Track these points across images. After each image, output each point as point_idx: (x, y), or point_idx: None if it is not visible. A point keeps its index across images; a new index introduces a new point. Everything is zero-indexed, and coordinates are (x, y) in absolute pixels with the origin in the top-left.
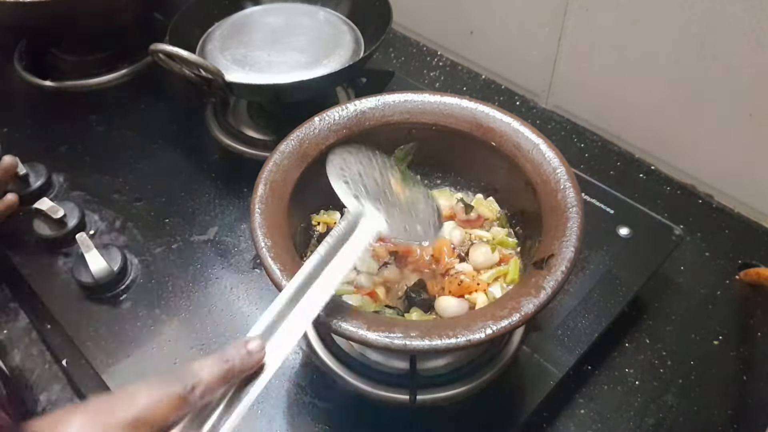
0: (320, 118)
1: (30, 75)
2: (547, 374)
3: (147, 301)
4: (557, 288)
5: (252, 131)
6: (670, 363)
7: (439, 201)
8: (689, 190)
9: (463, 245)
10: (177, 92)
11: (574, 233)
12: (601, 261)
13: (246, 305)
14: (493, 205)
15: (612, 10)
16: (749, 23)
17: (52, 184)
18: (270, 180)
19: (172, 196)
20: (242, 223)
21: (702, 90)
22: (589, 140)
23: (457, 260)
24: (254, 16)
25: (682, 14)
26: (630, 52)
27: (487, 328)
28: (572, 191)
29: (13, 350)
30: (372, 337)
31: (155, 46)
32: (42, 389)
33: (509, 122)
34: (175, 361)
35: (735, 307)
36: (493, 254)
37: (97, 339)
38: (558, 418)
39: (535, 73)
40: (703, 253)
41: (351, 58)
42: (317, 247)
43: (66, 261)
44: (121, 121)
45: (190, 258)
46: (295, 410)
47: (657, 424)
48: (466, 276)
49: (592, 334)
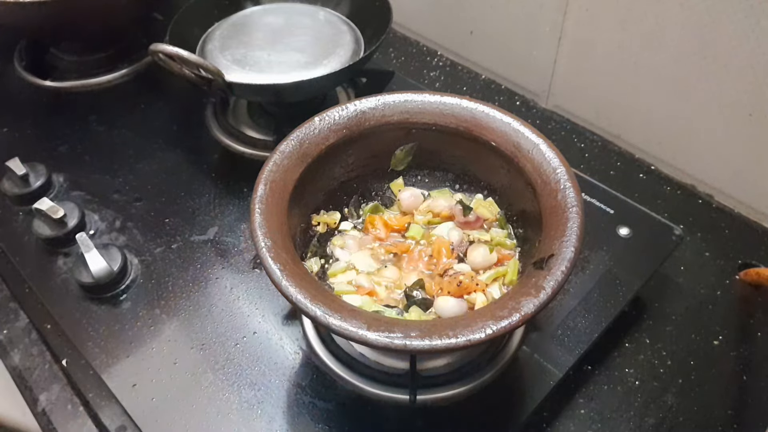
0: (320, 118)
1: (30, 75)
2: (547, 374)
3: (147, 301)
4: (557, 288)
5: (252, 131)
6: (670, 363)
7: (439, 200)
8: (689, 190)
9: (462, 245)
10: (177, 92)
11: (574, 233)
12: (601, 261)
13: (246, 305)
14: (493, 205)
15: (612, 10)
16: (749, 23)
17: (52, 184)
18: (270, 180)
19: (172, 196)
20: (242, 223)
21: (702, 90)
22: (589, 140)
23: (455, 261)
24: (254, 16)
25: (682, 14)
26: (630, 52)
27: (487, 328)
28: (572, 191)
29: (13, 350)
30: (372, 337)
31: (155, 46)
32: (42, 389)
33: (509, 122)
34: (175, 361)
35: (735, 307)
36: (492, 254)
37: (97, 339)
38: (558, 418)
39: (535, 73)
40: (703, 253)
41: (351, 58)
42: (317, 247)
43: (66, 261)
44: (121, 121)
45: (190, 258)
46: (295, 410)
47: (657, 424)
48: (465, 276)
49: (592, 334)
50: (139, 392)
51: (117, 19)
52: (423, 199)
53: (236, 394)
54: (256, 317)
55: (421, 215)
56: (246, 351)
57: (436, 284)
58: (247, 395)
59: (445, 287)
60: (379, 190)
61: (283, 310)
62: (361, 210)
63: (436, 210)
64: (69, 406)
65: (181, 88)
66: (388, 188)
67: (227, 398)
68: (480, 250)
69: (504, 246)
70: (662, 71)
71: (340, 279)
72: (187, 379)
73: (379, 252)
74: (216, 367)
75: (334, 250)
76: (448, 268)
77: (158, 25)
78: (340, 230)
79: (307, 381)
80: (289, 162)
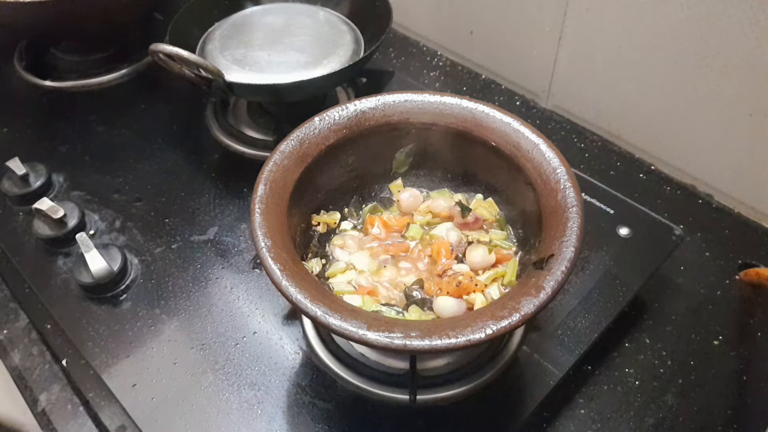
0: (320, 118)
1: (30, 75)
2: (547, 374)
3: (147, 301)
4: (557, 288)
5: (252, 131)
6: (670, 363)
7: (439, 201)
8: (689, 190)
9: (460, 246)
10: (177, 92)
11: (574, 233)
12: (601, 261)
13: (246, 305)
14: (493, 206)
15: (612, 10)
16: (749, 23)
17: (52, 184)
18: (270, 180)
19: (172, 196)
20: (242, 223)
21: (702, 90)
22: (589, 140)
23: (454, 261)
24: (254, 16)
25: (682, 14)
26: (630, 52)
27: (487, 328)
28: (572, 191)
29: (13, 350)
30: (372, 337)
31: (155, 46)
32: (42, 389)
33: (509, 122)
34: (175, 361)
35: (735, 307)
36: (490, 255)
37: (97, 339)
38: (558, 418)
39: (535, 73)
40: (703, 253)
41: (351, 58)
42: (317, 247)
43: (66, 261)
44: (121, 121)
45: (190, 258)
46: (295, 410)
47: (657, 424)
48: (464, 277)
49: (592, 334)
50: (139, 392)
51: (117, 19)
52: (422, 200)
53: (236, 394)
54: (256, 317)
55: (421, 215)
56: (246, 351)
57: (435, 284)
58: (247, 395)
59: (444, 287)
60: (379, 191)
61: (283, 310)
62: (361, 210)
63: (436, 210)
64: (69, 406)
65: (181, 88)
66: (388, 189)
67: (227, 398)
68: (479, 251)
69: (503, 247)
70: (662, 71)
71: (340, 279)
72: (187, 379)
73: (378, 251)
74: (216, 367)
75: (334, 250)
76: (447, 269)
77: (158, 25)
78: (340, 230)
79: (307, 381)
80: (289, 162)
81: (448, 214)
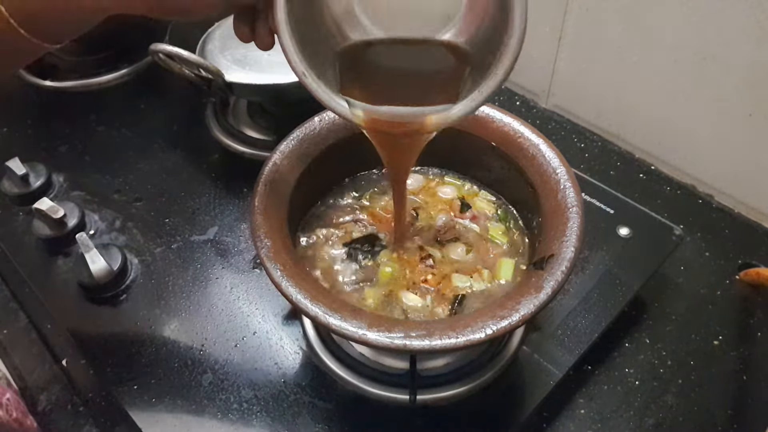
0: (320, 118)
1: (30, 75)
2: (547, 374)
3: (147, 301)
4: (557, 288)
5: (252, 131)
6: (670, 363)
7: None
8: (689, 190)
9: (444, 228)
10: (177, 92)
11: (574, 233)
12: (601, 261)
13: (246, 305)
14: (491, 205)
15: (612, 10)
16: (749, 23)
17: (52, 184)
18: (270, 180)
19: (172, 196)
20: (242, 223)
21: (702, 90)
22: (589, 140)
23: (453, 217)
24: None
25: (681, 14)
26: (630, 52)
27: (487, 328)
28: (572, 191)
29: (13, 350)
30: (372, 337)
31: (155, 46)
32: (42, 389)
33: (509, 122)
34: (175, 361)
35: (735, 307)
36: (468, 255)
37: (97, 339)
38: (558, 418)
39: (535, 73)
40: (703, 253)
41: None
42: None
43: (66, 261)
44: (121, 121)
45: (190, 258)
46: (295, 410)
47: (657, 424)
48: (435, 276)
49: (592, 334)
50: (139, 392)
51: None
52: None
53: (236, 394)
54: (256, 317)
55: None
56: (246, 351)
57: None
58: (247, 395)
59: (418, 272)
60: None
61: (283, 310)
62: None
63: (439, 193)
64: (69, 406)
65: (181, 88)
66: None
67: (227, 398)
68: (457, 250)
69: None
70: (662, 71)
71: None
72: (187, 379)
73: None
74: (216, 367)
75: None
76: (450, 227)
77: (158, 25)
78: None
79: (307, 381)
80: (289, 162)
81: (450, 200)
